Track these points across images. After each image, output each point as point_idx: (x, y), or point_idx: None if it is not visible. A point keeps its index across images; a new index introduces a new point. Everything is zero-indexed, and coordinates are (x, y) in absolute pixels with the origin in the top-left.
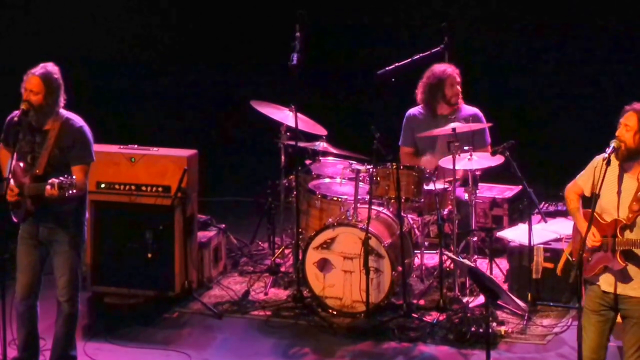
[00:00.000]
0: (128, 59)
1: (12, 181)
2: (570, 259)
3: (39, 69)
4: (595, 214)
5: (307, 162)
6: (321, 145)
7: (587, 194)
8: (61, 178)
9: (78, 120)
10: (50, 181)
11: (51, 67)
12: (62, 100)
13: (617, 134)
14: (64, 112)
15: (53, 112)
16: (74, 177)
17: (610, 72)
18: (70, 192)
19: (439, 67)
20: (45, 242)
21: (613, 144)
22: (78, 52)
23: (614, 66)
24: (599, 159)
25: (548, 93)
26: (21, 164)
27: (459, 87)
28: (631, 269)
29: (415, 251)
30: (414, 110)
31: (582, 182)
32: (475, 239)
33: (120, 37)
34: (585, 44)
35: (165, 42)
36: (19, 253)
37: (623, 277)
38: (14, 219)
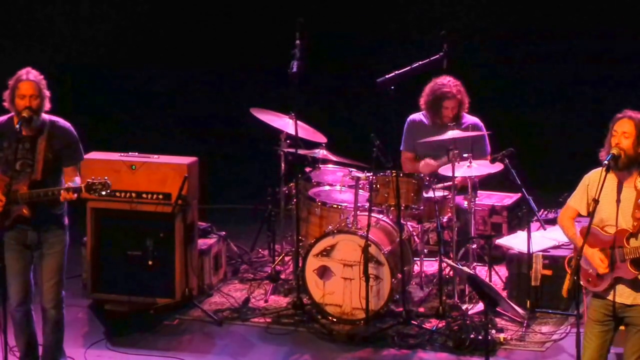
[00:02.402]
0: (128, 65)
1: None
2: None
3: (29, 75)
4: (597, 228)
5: (307, 169)
6: (321, 152)
7: (584, 212)
8: (89, 180)
9: (62, 120)
10: (75, 185)
11: (34, 71)
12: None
13: (615, 141)
14: (45, 115)
15: (40, 115)
16: (106, 177)
17: (611, 80)
18: (104, 192)
19: (440, 84)
20: (32, 247)
21: (613, 151)
22: (78, 55)
23: (615, 74)
24: (589, 176)
25: (547, 100)
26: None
27: (455, 109)
28: None
29: (415, 258)
30: (415, 116)
31: (574, 203)
32: (474, 246)
33: (120, 41)
34: (586, 51)
35: (165, 49)
36: (8, 260)
37: (635, 286)
38: None
